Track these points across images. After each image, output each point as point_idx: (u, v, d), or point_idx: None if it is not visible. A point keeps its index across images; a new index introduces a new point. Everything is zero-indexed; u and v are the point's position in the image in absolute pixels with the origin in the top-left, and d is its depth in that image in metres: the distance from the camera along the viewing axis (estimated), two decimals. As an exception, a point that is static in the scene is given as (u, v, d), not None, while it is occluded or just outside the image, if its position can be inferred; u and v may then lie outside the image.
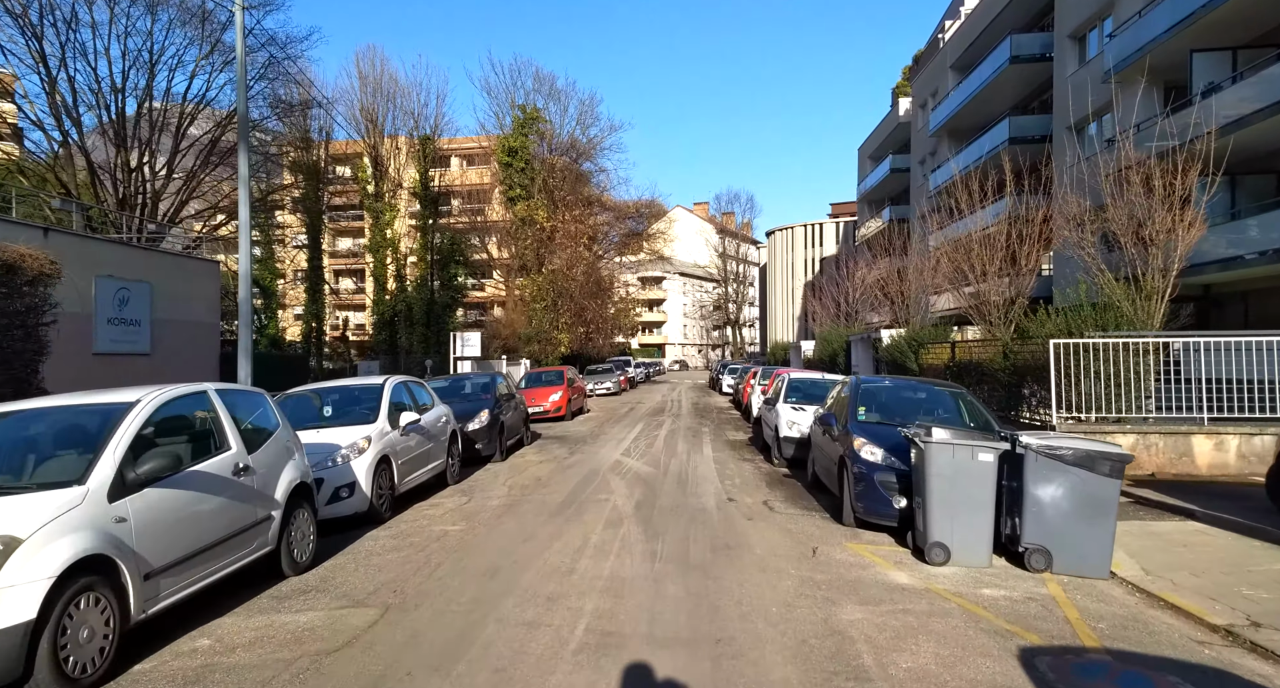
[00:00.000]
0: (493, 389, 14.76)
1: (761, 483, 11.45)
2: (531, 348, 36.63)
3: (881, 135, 50.26)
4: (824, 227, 70.88)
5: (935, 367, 19.48)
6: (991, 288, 19.78)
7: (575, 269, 36.58)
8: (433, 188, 37.37)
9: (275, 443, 6.63)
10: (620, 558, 6.98)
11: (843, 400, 10.21)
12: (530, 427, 17.30)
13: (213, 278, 21.04)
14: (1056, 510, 7.03)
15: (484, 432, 13.41)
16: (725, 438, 17.95)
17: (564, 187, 37.36)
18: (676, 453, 14.78)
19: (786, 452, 12.93)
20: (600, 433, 19.08)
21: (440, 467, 10.87)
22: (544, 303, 36.24)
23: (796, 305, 72.17)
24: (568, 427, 21.04)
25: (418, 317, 36.70)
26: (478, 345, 25.07)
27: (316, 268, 36.42)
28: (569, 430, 19.96)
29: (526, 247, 35.97)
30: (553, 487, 11.02)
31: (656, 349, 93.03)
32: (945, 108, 37.20)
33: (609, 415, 24.70)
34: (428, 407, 10.88)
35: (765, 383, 21.93)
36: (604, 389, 36.21)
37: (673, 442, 16.79)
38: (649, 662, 4.57)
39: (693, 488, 10.86)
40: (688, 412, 26.25)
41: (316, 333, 36.39)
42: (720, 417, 24.26)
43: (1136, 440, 11.69)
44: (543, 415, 22.55)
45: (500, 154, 36.10)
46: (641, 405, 29.62)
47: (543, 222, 35.57)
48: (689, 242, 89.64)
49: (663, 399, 33.70)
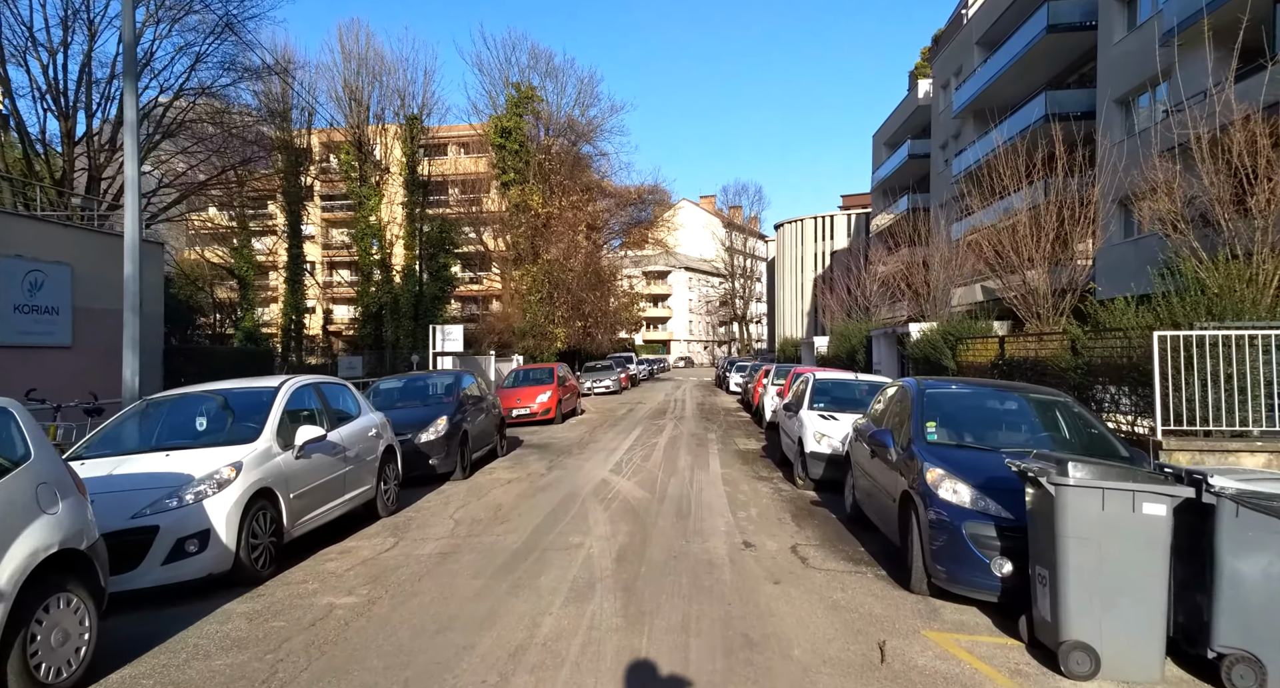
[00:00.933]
0: (456, 391, 12.17)
1: (785, 514, 8.84)
2: (526, 343, 34.06)
3: (898, 120, 47.46)
4: (835, 219, 68.04)
5: (977, 365, 16.82)
6: (1040, 276, 17.16)
7: (573, 259, 33.97)
8: (422, 173, 34.81)
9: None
10: (579, 674, 4.37)
11: (898, 411, 7.60)
12: (505, 434, 14.72)
13: (156, 263, 18.51)
14: (1273, 596, 4.42)
15: (439, 444, 10.83)
16: (735, 447, 15.34)
17: (561, 171, 34.74)
18: (677, 469, 12.17)
19: (814, 471, 10.31)
20: (590, 440, 16.49)
21: (365, 495, 8.27)
22: (539, 295, 33.65)
23: (806, 301, 69.43)
24: (555, 432, 18.46)
25: (405, 309, 34.19)
26: (460, 340, 22.54)
27: (296, 257, 33.93)
28: (555, 437, 17.38)
29: (520, 234, 33.37)
30: (513, 521, 8.43)
31: (661, 345, 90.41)
32: (970, 86, 34.42)
33: (604, 418, 22.10)
34: (349, 417, 8.29)
35: (781, 383, 19.31)
36: (603, 388, 33.62)
37: (673, 453, 14.18)
38: None
39: (696, 524, 8.25)
40: (692, 414, 23.64)
41: (296, 327, 33.91)
42: (728, 420, 21.64)
43: (1269, 461, 9.03)
44: (529, 419, 19.99)
45: (493, 135, 33.50)
46: (642, 406, 27.02)
47: (538, 208, 32.96)
48: (695, 236, 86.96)
49: (665, 399, 31.11)
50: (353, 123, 33.82)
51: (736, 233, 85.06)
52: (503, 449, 14.12)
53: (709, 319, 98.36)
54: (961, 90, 35.49)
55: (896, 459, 6.74)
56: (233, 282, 34.59)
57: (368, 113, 34.39)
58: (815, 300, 67.59)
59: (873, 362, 25.62)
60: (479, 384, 13.70)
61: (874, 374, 19.81)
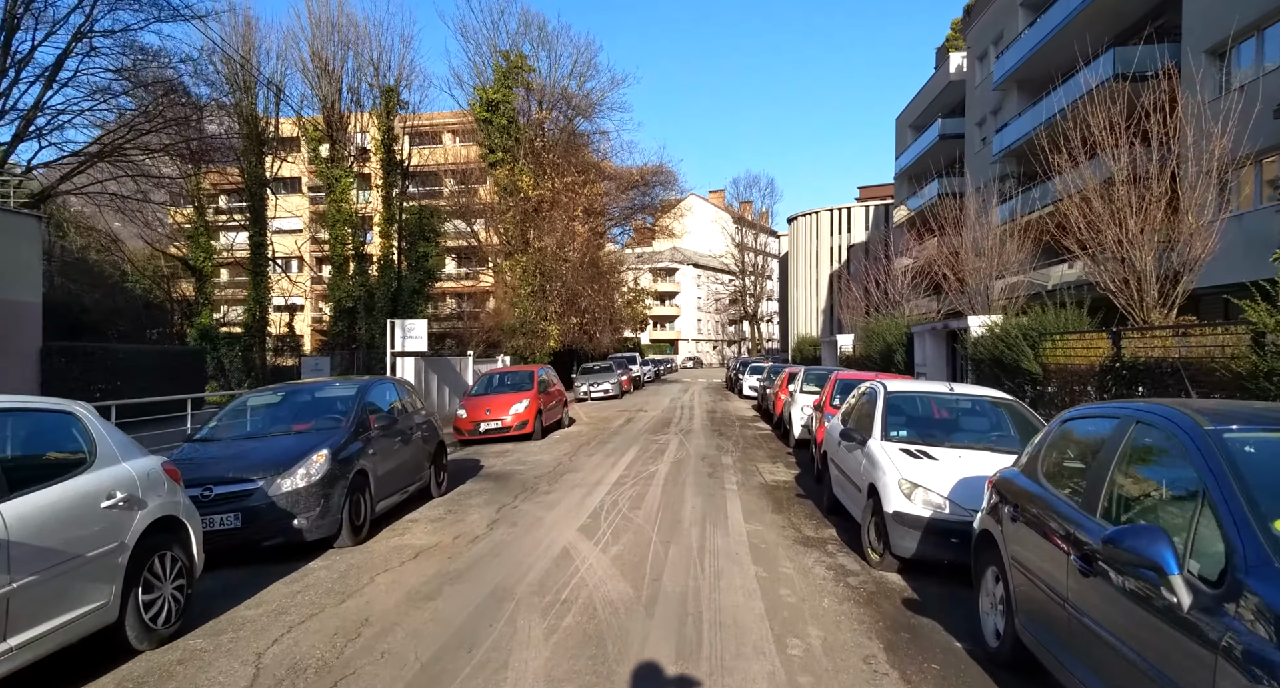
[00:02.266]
0: (354, 410, 8.13)
1: (869, 638, 4.83)
2: (516, 342, 30.11)
3: (926, 99, 43.28)
4: (852, 211, 63.84)
5: (1074, 368, 12.78)
6: (1146, 256, 13.16)
7: (568, 248, 30.00)
8: (399, 154, 30.88)
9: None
10: None
11: (1128, 462, 3.58)
12: (446, 463, 10.73)
13: (29, 241, 14.66)
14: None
15: (309, 495, 6.85)
16: (759, 479, 11.31)
17: (555, 149, 30.77)
18: (680, 525, 8.15)
19: (902, 543, 6.23)
20: (569, 468, 12.49)
21: (88, 614, 4.28)
22: (529, 288, 29.70)
23: (821, 298, 65.24)
24: (529, 453, 14.50)
25: (381, 304, 30.24)
26: (424, 337, 18.63)
27: (259, 245, 30.04)
28: (527, 460, 13.40)
29: (509, 220, 29.44)
30: (357, 679, 4.45)
31: (669, 345, 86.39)
32: (1015, 53, 30.25)
33: (596, 431, 18.11)
34: (77, 467, 4.33)
35: (815, 391, 15.34)
36: (600, 392, 29.64)
37: (676, 491, 10.16)
38: None
39: (717, 679, 4.26)
40: (701, 425, 19.61)
41: (260, 324, 30.06)
42: (745, 434, 17.62)
43: None
44: (500, 434, 16.04)
45: (478, 109, 29.56)
46: (643, 414, 23.01)
47: (528, 190, 29.01)
48: (704, 231, 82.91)
49: (671, 405, 27.09)
50: (323, 96, 29.94)
51: (747, 229, 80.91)
52: (439, 486, 10.11)
53: (718, 318, 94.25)
54: (1004, 58, 31.34)
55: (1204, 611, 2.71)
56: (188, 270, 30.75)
57: (339, 86, 30.51)
58: (831, 297, 63.43)
59: (914, 363, 21.54)
60: (405, 399, 9.71)
61: (936, 381, 15.81)
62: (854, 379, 12.57)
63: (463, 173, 40.76)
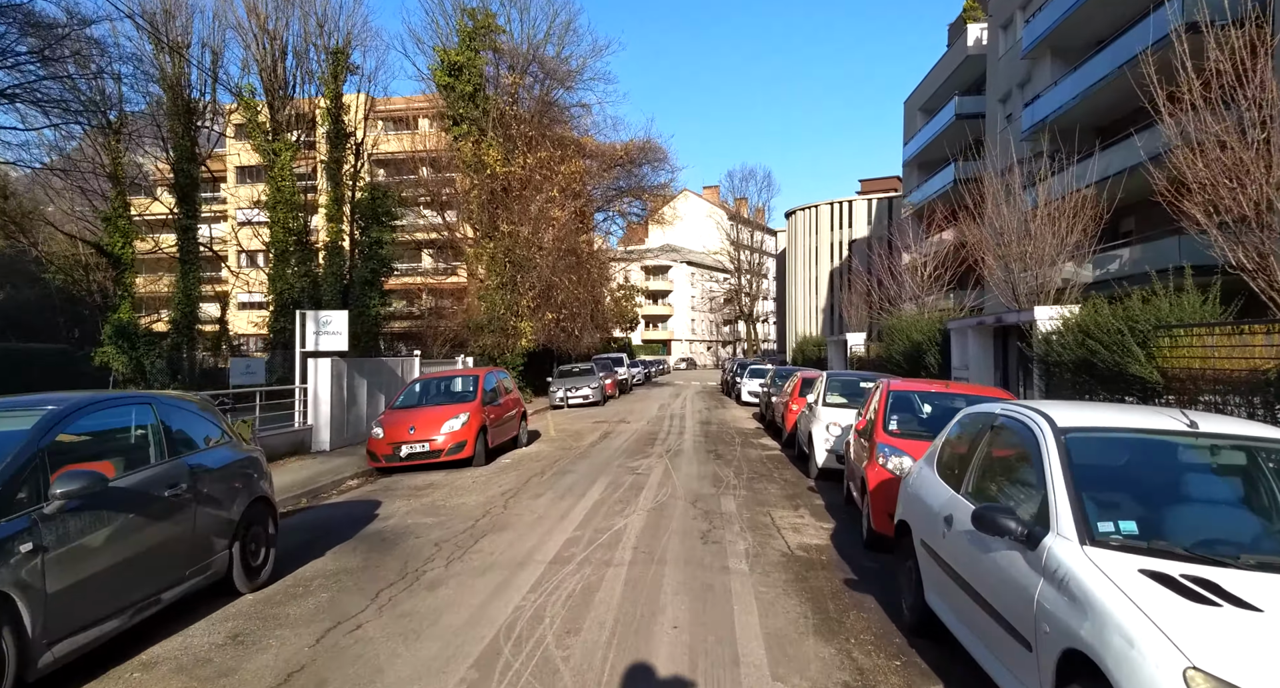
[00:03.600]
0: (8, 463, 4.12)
1: None
2: (484, 341, 26.10)
3: (939, 78, 39.42)
4: (854, 204, 59.97)
5: (1221, 375, 8.88)
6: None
7: (542, 233, 25.99)
8: (350, 126, 26.84)
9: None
10: None
11: None
12: (270, 533, 6.63)
13: None
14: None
15: None
16: (782, 547, 7.23)
17: (528, 122, 26.75)
18: (655, 669, 4.19)
19: None
20: (495, 525, 8.39)
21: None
22: (498, 279, 25.69)
23: (821, 296, 61.40)
24: (456, 490, 10.49)
25: (329, 298, 26.23)
26: (344, 333, 14.60)
27: (189, 231, 25.99)
28: (443, 506, 9.36)
29: (474, 200, 25.44)
30: None
31: (661, 346, 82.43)
32: (1048, 15, 26.36)
33: (558, 454, 14.10)
34: None
35: (841, 404, 11.50)
36: (579, 399, 25.62)
37: (649, 586, 6.07)
38: None
39: None
40: (694, 443, 15.61)
41: (189, 321, 25.97)
42: (750, 457, 13.62)
43: None
44: (427, 460, 12.03)
45: (439, 73, 25.54)
46: (624, 427, 19.02)
47: (495, 166, 24.99)
48: (698, 228, 79.02)
49: (659, 414, 23.08)
50: (260, 59, 25.88)
51: (743, 226, 76.97)
52: (254, 573, 6.03)
53: (713, 318, 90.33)
54: (1035, 23, 27.44)
55: None
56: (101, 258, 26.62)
57: (282, 48, 26.46)
58: (832, 295, 59.55)
59: (951, 366, 17.61)
60: (191, 425, 5.67)
61: (991, 388, 11.97)
62: (927, 392, 8.59)
63: (435, 160, 36.71)
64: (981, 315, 16.80)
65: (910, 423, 7.89)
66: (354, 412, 15.31)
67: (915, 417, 8.06)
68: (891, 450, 7.34)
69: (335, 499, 10.15)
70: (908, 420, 7.93)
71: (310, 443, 14.49)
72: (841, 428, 11.14)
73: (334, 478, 11.38)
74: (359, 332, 26.09)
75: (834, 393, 12.36)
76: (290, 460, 13.31)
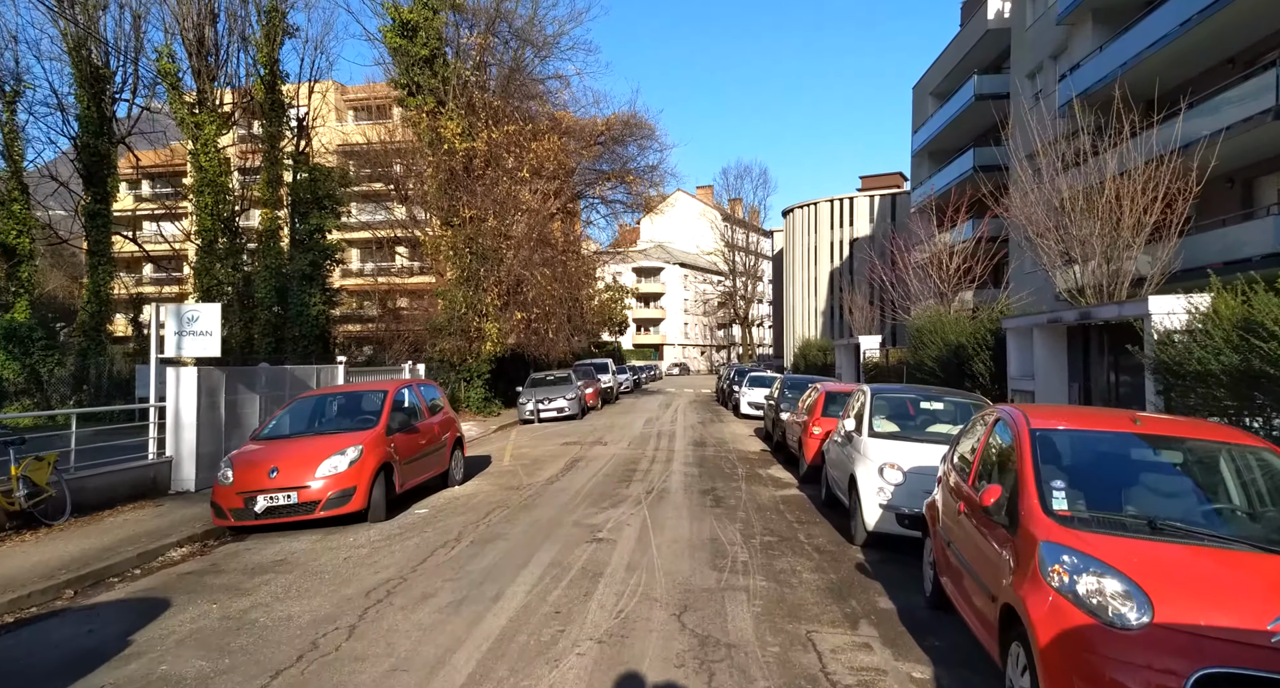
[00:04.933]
0: None
1: None
2: (444, 345, 22.26)
3: (953, 59, 35.84)
4: (854, 201, 56.37)
5: None
6: None
7: (510, 220, 22.19)
8: (288, 96, 22.95)
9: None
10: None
11: None
12: None
13: None
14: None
15: None
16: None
17: (496, 91, 22.94)
18: None
19: None
20: (319, 678, 4.63)
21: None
22: (459, 272, 21.87)
23: (820, 298, 57.76)
24: (317, 568, 6.66)
25: (262, 296, 22.39)
26: (216, 335, 10.75)
27: (97, 218, 22.09)
28: (270, 613, 5.48)
29: (430, 180, 21.64)
30: None
31: (653, 350, 78.65)
32: (1091, -28, 22.76)
33: (497, 501, 10.22)
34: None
35: (903, 437, 7.75)
36: (552, 412, 21.74)
37: None
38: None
39: None
40: (684, 477, 11.77)
41: (96, 321, 22.04)
42: (761, 503, 9.78)
43: None
44: (294, 517, 8.18)
45: (390, 34, 21.70)
46: (598, 451, 15.16)
47: (454, 140, 21.16)
48: (691, 229, 75.37)
49: (644, 431, 19.22)
50: (183, 17, 22.01)
51: (738, 227, 73.29)
52: None
53: (706, 321, 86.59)
54: (1074, -18, 23.84)
55: None
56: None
57: (213, 8, 22.61)
58: (832, 297, 55.89)
59: (1008, 375, 13.85)
60: None
61: (1205, 424, 8.14)
62: (1117, 437, 4.68)
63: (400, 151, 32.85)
64: (1055, 311, 13.04)
65: (1105, 498, 4.09)
66: (236, 437, 11.44)
67: (1106, 481, 4.26)
68: (1077, 559, 3.53)
69: (104, 596, 6.30)
70: (1098, 491, 4.13)
71: (168, 481, 10.64)
72: (904, 473, 7.37)
73: (151, 545, 7.56)
74: (297, 334, 22.25)
75: (883, 417, 8.56)
76: (126, 509, 9.46)
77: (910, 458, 7.51)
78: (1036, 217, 15.33)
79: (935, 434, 8.24)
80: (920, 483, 7.20)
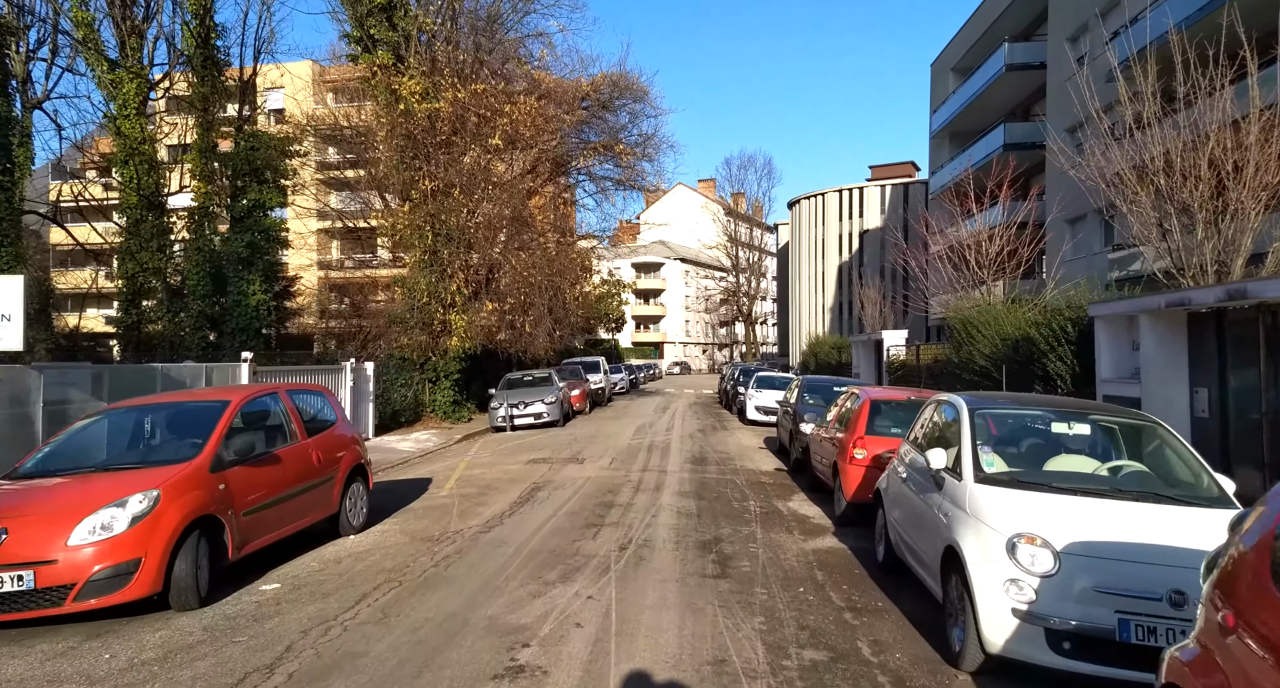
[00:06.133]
0: None
1: None
2: (404, 341, 19.01)
3: (977, 30, 32.47)
4: (864, 192, 53.00)
5: None
6: None
7: (480, 195, 18.90)
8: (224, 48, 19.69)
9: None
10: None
11: None
12: None
13: None
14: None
15: None
16: None
17: (468, 51, 19.64)
18: None
19: None
20: None
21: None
22: (420, 255, 18.61)
23: (828, 294, 54.41)
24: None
25: (197, 284, 19.15)
26: (17, 315, 7.55)
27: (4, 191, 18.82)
28: None
29: (385, 145, 18.39)
30: None
31: (653, 349, 75.35)
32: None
33: (400, 566, 6.96)
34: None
35: (1069, 499, 4.19)
36: (529, 418, 18.47)
37: None
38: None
39: None
40: (675, 518, 8.49)
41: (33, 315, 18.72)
42: (782, 564, 6.49)
43: None
44: (38, 612, 4.86)
45: (340, -21, 18.49)
46: (571, 472, 11.88)
47: (414, 104, 17.89)
48: (693, 224, 71.99)
49: (633, 444, 15.90)
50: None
51: (740, 222, 69.93)
52: None
53: (708, 318, 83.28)
54: (1129, -74, 20.48)
55: None
56: None
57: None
58: (841, 292, 52.55)
59: (1097, 377, 10.54)
60: None
61: None
62: None
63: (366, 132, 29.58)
64: (1179, 292, 9.70)
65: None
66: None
67: None
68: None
69: None
70: None
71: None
72: (1055, 553, 4.09)
73: None
74: (235, 328, 19.00)
75: (990, 449, 5.25)
76: None
77: (1063, 524, 4.21)
78: (1125, 178, 12.02)
79: (1087, 478, 4.95)
80: (1088, 571, 3.95)
